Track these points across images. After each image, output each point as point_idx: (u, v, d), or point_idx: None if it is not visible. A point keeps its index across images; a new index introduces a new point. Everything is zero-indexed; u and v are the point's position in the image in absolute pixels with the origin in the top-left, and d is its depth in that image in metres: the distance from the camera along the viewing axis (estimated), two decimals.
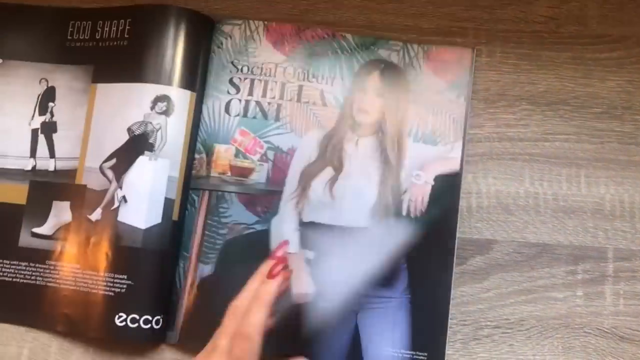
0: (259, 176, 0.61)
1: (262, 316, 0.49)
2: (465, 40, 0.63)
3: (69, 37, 0.64)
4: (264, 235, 0.60)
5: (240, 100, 0.62)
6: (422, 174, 0.60)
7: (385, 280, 0.59)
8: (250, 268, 0.59)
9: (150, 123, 0.59)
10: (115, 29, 0.62)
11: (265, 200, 0.61)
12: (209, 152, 0.62)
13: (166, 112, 0.60)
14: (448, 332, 0.58)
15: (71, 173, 0.61)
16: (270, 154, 0.62)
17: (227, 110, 0.62)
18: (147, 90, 0.60)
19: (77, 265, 0.60)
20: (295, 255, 0.60)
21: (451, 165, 0.60)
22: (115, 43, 0.62)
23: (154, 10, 0.61)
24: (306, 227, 0.60)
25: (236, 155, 0.62)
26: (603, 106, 0.62)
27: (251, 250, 0.60)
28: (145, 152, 0.59)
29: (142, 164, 0.59)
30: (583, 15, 0.63)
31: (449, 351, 0.59)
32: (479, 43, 0.63)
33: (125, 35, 0.62)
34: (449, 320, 0.58)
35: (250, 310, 0.49)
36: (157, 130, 0.59)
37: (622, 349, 0.58)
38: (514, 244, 0.60)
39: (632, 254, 0.60)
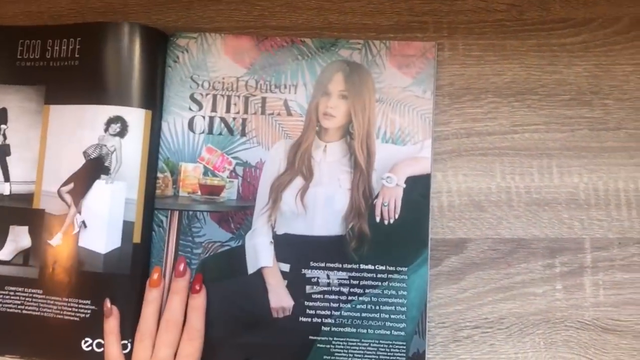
0: (230, 193, 0.60)
1: (202, 321, 0.57)
2: (426, 35, 0.61)
3: (18, 57, 0.61)
4: (240, 252, 0.59)
5: (203, 117, 0.61)
6: (393, 177, 0.59)
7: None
8: (228, 285, 0.58)
9: (105, 146, 0.58)
10: (65, 48, 0.60)
11: (237, 217, 0.59)
12: (174, 171, 0.60)
13: (120, 134, 0.58)
14: (427, 335, 0.57)
15: (28, 197, 0.59)
16: (239, 170, 0.60)
17: (190, 127, 0.60)
18: (100, 112, 0.58)
19: (40, 290, 0.58)
20: (270, 270, 0.59)
21: (422, 165, 0.59)
22: (66, 63, 0.60)
23: (104, 28, 0.59)
24: (280, 239, 0.59)
25: (205, 174, 0.60)
26: (571, 92, 0.60)
27: (228, 268, 0.59)
28: (102, 175, 0.58)
29: (99, 188, 0.57)
30: None
31: (429, 355, 0.57)
32: (441, 37, 0.61)
33: (76, 55, 0.60)
34: (427, 324, 0.57)
35: (190, 319, 0.57)
36: (112, 153, 0.58)
37: (605, 340, 0.57)
38: (489, 241, 0.59)
39: (610, 242, 0.58)
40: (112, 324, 0.56)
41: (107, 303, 0.56)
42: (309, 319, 0.58)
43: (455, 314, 0.58)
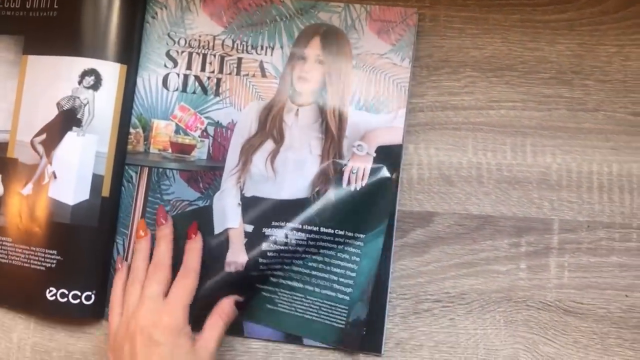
0: (200, 152, 0.60)
1: (198, 262, 0.57)
2: (408, 3, 0.60)
3: None
4: (207, 212, 0.59)
5: (178, 75, 0.60)
6: (364, 145, 0.58)
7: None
8: None
9: (78, 98, 0.58)
10: None
11: (206, 177, 0.60)
12: (146, 128, 0.60)
13: (94, 87, 0.58)
14: (387, 306, 0.57)
15: (3, 146, 0.60)
16: (211, 130, 0.60)
17: (164, 84, 0.60)
18: (75, 64, 0.58)
19: (10, 238, 0.59)
20: (236, 230, 0.59)
21: (393, 135, 0.58)
22: (45, 13, 0.60)
23: None
24: (248, 201, 0.59)
25: (176, 132, 0.60)
26: (552, 71, 0.59)
27: None
28: (74, 127, 0.58)
29: (71, 140, 0.58)
30: None
31: (388, 325, 0.58)
32: (422, 7, 0.60)
33: (55, 6, 0.59)
34: (389, 294, 0.57)
35: (186, 259, 0.57)
36: (85, 105, 0.58)
37: (565, 322, 0.57)
38: (456, 216, 0.58)
39: (578, 225, 0.58)
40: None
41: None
42: (260, 273, 0.58)
43: (417, 286, 0.58)
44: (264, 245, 0.58)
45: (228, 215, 0.59)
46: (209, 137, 0.60)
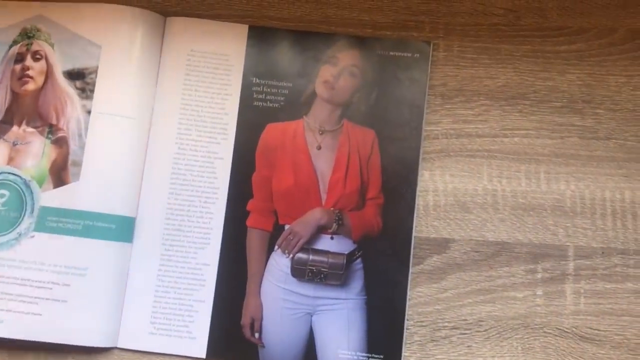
0: None
1: None
2: (421, 34, 0.61)
3: None
4: None
5: None
6: None
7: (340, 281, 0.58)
8: None
9: None
10: None
11: None
12: None
13: None
14: (405, 333, 0.57)
15: None
16: None
17: None
18: None
19: None
20: None
21: None
22: None
23: None
24: None
25: None
26: (563, 100, 0.60)
27: None
28: None
29: None
30: (542, 7, 0.61)
31: (405, 353, 0.57)
32: (436, 37, 0.61)
33: None
34: (406, 322, 0.57)
35: None
36: None
37: (582, 349, 0.57)
38: (472, 242, 0.59)
39: (593, 251, 0.58)
40: None
41: None
42: None
43: (435, 313, 0.58)
44: None
45: None
46: None
